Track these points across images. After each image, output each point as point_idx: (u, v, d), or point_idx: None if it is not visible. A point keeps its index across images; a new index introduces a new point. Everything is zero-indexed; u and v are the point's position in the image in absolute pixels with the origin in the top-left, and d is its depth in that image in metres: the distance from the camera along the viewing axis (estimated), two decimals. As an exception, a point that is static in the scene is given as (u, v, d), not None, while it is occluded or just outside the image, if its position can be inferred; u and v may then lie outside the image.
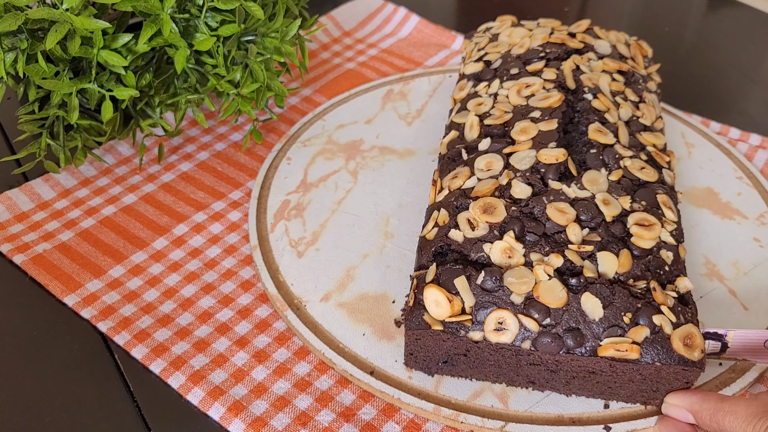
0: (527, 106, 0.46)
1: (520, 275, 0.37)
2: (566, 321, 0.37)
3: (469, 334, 0.37)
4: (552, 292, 0.37)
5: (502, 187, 0.41)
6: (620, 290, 0.37)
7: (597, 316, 0.37)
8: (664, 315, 0.37)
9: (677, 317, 0.37)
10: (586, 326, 0.37)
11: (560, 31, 0.55)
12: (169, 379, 0.42)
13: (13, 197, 0.53)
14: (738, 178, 0.57)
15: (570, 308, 0.37)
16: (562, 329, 0.37)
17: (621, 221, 0.40)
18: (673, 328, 0.37)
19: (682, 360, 0.36)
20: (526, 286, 0.37)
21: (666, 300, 0.37)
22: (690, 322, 0.37)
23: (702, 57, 0.76)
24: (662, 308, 0.37)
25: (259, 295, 0.48)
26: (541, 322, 0.37)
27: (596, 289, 0.37)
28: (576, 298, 0.37)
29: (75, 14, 0.45)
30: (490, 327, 0.37)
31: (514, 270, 0.38)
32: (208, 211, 0.54)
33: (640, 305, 0.37)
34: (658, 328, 0.36)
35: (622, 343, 0.36)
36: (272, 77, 0.53)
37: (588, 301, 0.37)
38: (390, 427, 0.41)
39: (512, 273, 0.37)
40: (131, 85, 0.50)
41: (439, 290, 0.37)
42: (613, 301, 0.37)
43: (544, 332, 0.37)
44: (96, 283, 0.48)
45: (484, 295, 0.37)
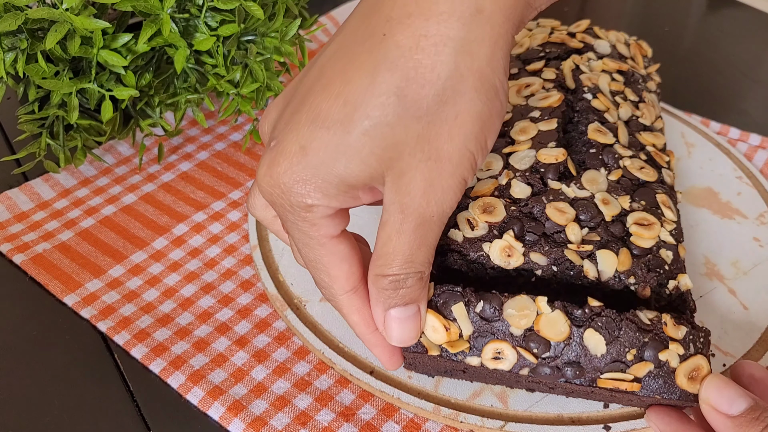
0: (527, 105, 0.46)
1: (521, 306, 0.36)
2: (567, 354, 0.36)
3: (467, 359, 0.37)
4: (554, 326, 0.36)
5: (501, 186, 0.41)
6: (627, 324, 0.35)
7: (599, 352, 0.36)
8: (671, 350, 0.35)
9: (686, 348, 0.36)
10: (587, 360, 0.36)
11: (560, 30, 0.55)
12: (168, 378, 0.42)
13: (12, 197, 0.53)
14: (738, 178, 0.57)
15: (571, 342, 0.36)
16: (562, 362, 0.36)
17: (620, 221, 0.40)
18: (681, 360, 0.35)
19: (683, 394, 0.35)
20: (526, 320, 0.36)
21: (677, 333, 0.36)
22: (699, 353, 0.36)
23: (702, 57, 0.76)
24: (671, 344, 0.35)
25: (259, 295, 0.48)
26: (540, 355, 0.36)
27: (602, 323, 0.36)
28: (579, 331, 0.36)
29: (75, 14, 0.45)
30: (488, 356, 0.36)
31: (515, 300, 0.36)
32: (208, 210, 0.54)
33: (647, 339, 0.35)
34: (664, 363, 0.35)
35: (622, 381, 0.35)
36: (272, 77, 0.53)
37: (591, 337, 0.36)
38: (390, 426, 0.41)
39: (513, 303, 0.36)
40: (131, 85, 0.50)
41: (436, 317, 0.36)
42: (618, 337, 0.35)
43: (543, 363, 0.36)
44: (96, 282, 0.48)
45: (483, 324, 0.36)
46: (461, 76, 0.31)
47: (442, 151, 0.32)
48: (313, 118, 0.32)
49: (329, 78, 0.32)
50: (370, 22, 0.32)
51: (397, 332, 0.35)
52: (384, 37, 0.32)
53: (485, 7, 0.31)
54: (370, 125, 0.31)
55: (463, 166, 0.32)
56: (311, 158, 0.32)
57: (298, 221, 0.34)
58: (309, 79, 0.34)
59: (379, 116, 0.31)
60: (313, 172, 0.32)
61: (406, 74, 0.31)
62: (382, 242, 0.33)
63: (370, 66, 0.31)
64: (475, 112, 0.32)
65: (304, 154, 0.32)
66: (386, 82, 0.31)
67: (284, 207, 0.33)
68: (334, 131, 0.32)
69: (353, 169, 0.32)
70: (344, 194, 0.33)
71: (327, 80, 0.32)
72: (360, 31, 0.33)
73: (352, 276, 0.35)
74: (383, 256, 0.34)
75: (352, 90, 0.32)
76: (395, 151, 0.32)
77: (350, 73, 0.32)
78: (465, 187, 0.33)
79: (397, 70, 0.31)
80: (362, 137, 0.31)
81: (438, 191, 0.32)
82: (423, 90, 0.31)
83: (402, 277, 0.34)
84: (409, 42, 0.31)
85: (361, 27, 0.33)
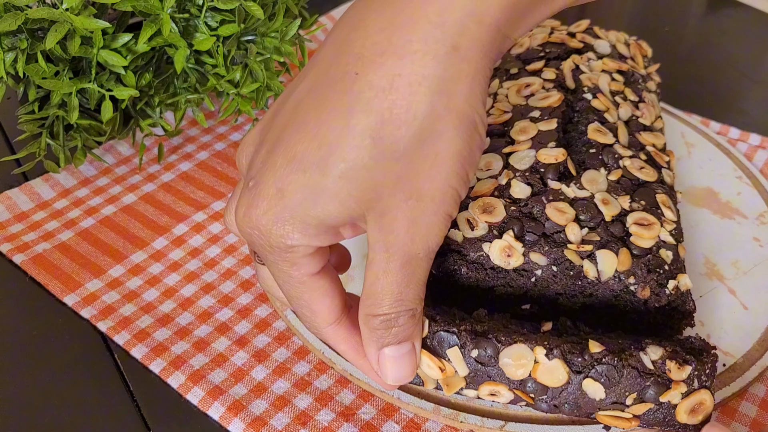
0: (527, 105, 0.46)
1: (518, 356, 0.35)
2: (564, 397, 0.35)
3: (464, 391, 0.37)
4: (552, 373, 0.35)
5: (501, 186, 0.41)
6: (629, 371, 0.35)
7: (598, 397, 0.35)
8: (674, 391, 0.34)
9: (690, 385, 0.35)
10: (585, 402, 0.35)
11: (560, 30, 0.55)
12: (168, 378, 0.42)
13: (12, 197, 0.53)
14: (738, 178, 0.57)
15: (570, 387, 0.35)
16: (560, 402, 0.35)
17: (620, 221, 0.40)
18: (683, 397, 0.34)
19: (684, 426, 0.35)
20: (523, 370, 0.35)
21: (681, 374, 0.35)
22: (704, 386, 0.35)
23: (702, 57, 0.76)
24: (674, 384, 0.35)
25: (259, 295, 0.48)
26: (537, 397, 0.36)
27: (602, 370, 0.35)
28: (578, 378, 0.35)
29: (75, 14, 0.45)
30: (485, 393, 0.36)
31: (511, 348, 0.35)
32: (208, 210, 0.54)
33: (649, 383, 0.34)
34: (665, 402, 0.35)
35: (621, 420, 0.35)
36: (272, 77, 0.53)
37: (590, 385, 0.35)
38: (390, 426, 0.41)
39: (509, 352, 0.35)
40: (131, 85, 0.50)
41: (430, 357, 0.36)
42: (619, 382, 0.35)
43: (541, 401, 0.36)
44: (96, 282, 0.48)
45: (479, 367, 0.36)
46: (438, 116, 0.30)
47: (423, 190, 0.31)
48: (289, 160, 0.31)
49: (303, 118, 0.32)
50: (341, 60, 0.31)
51: (392, 371, 0.35)
52: (357, 76, 0.31)
53: (461, 44, 0.30)
54: (346, 168, 0.31)
55: (446, 203, 0.32)
56: (289, 200, 0.31)
57: (278, 261, 0.33)
58: (283, 115, 0.33)
59: (355, 159, 0.30)
60: (291, 213, 0.32)
61: (380, 116, 0.30)
62: (370, 282, 0.33)
63: (343, 107, 0.31)
64: (455, 150, 0.31)
65: (282, 197, 0.32)
66: (361, 124, 0.30)
67: (264, 248, 0.33)
68: (311, 174, 0.31)
69: (332, 210, 0.31)
70: (324, 234, 0.33)
71: (301, 120, 0.32)
72: (332, 68, 0.32)
73: (334, 309, 0.35)
74: (372, 296, 0.33)
75: (326, 132, 0.31)
76: (374, 193, 0.31)
77: (324, 115, 0.31)
78: (450, 221, 0.33)
79: (371, 111, 0.30)
80: (339, 180, 0.31)
81: (422, 228, 0.32)
82: (399, 131, 0.30)
83: (393, 316, 0.33)
84: (382, 82, 0.30)
85: (333, 64, 0.32)
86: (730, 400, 0.42)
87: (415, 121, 0.30)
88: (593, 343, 0.35)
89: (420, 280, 0.33)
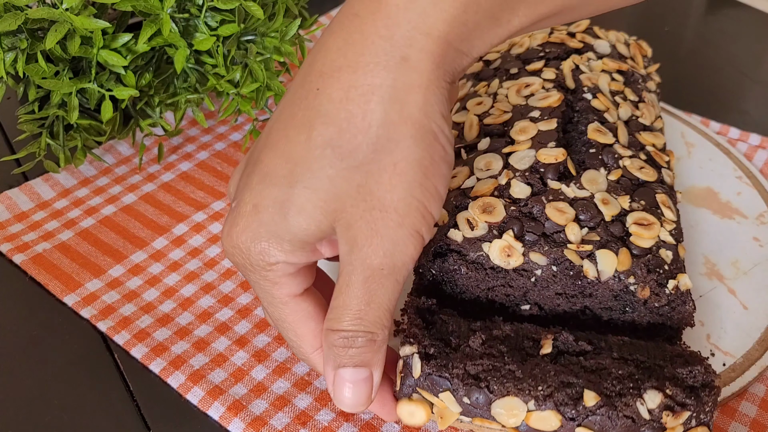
0: (526, 105, 0.46)
1: (510, 407, 0.35)
2: None
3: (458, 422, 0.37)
4: (545, 421, 0.35)
5: (501, 186, 0.41)
6: (624, 421, 0.34)
7: None
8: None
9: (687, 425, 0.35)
10: None
11: (560, 30, 0.55)
12: (168, 378, 0.42)
13: (12, 197, 0.53)
14: (738, 178, 0.57)
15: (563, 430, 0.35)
16: None
17: (620, 221, 0.40)
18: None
19: None
20: (515, 419, 0.35)
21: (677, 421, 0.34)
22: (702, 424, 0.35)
23: (702, 57, 0.76)
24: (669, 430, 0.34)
25: (259, 295, 0.48)
26: None
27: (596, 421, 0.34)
28: (572, 424, 0.35)
29: (75, 14, 0.45)
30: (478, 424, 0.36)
31: (503, 400, 0.35)
32: (208, 210, 0.54)
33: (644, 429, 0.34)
34: None
35: None
36: (272, 77, 0.53)
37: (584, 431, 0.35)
38: (390, 426, 0.41)
39: (501, 403, 0.35)
40: (131, 85, 0.50)
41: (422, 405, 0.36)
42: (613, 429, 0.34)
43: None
44: (96, 282, 0.48)
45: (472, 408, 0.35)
46: (393, 124, 0.31)
47: (385, 200, 0.31)
48: (262, 178, 0.33)
49: (275, 138, 0.33)
50: (306, 79, 0.33)
51: (345, 395, 0.34)
52: (318, 91, 0.32)
53: (410, 55, 0.31)
54: (311, 178, 0.32)
55: (412, 216, 0.32)
56: (263, 215, 0.32)
57: (260, 280, 0.34)
58: (261, 141, 0.35)
59: (317, 169, 0.31)
60: (266, 229, 0.32)
61: (339, 126, 0.31)
62: (335, 296, 0.33)
63: (306, 121, 0.32)
64: (414, 159, 0.31)
65: (257, 212, 0.33)
66: (321, 135, 0.32)
67: (246, 267, 0.34)
68: (280, 187, 0.32)
69: (301, 223, 0.32)
70: (300, 250, 0.33)
71: (273, 140, 0.33)
72: (299, 89, 0.33)
73: (320, 333, 0.35)
74: (334, 309, 0.33)
75: (292, 147, 0.32)
76: (338, 203, 0.32)
77: (290, 131, 0.33)
78: (420, 240, 0.33)
79: (330, 123, 0.32)
80: (304, 191, 0.32)
81: (386, 242, 0.32)
82: (356, 139, 0.31)
83: (351, 335, 0.33)
84: (339, 94, 0.32)
85: (300, 84, 0.33)
86: (730, 400, 0.42)
87: (371, 129, 0.31)
88: (588, 394, 0.35)
89: (382, 302, 0.33)
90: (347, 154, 0.31)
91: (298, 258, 0.33)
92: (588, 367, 0.37)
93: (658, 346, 0.38)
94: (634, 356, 0.37)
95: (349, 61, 0.32)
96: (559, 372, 0.36)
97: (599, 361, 0.37)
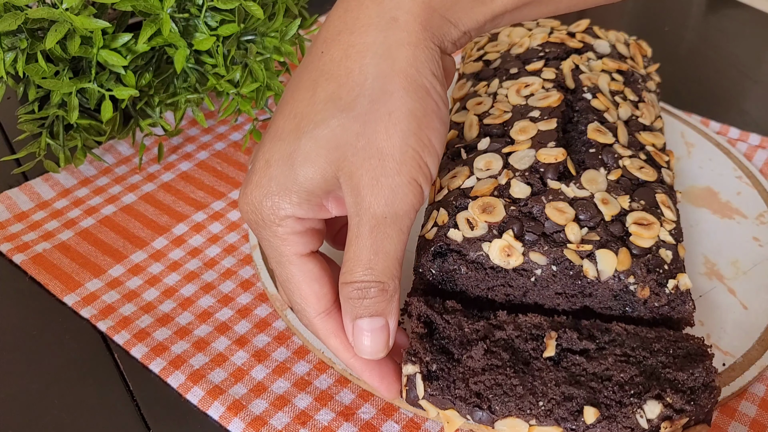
0: (526, 105, 0.46)
1: (512, 426, 0.36)
2: None
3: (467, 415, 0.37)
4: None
5: (501, 186, 0.41)
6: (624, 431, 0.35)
7: None
8: None
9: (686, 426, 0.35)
10: None
11: (559, 30, 0.55)
12: (168, 378, 0.42)
13: (12, 197, 0.54)
14: (737, 178, 0.57)
15: None
16: None
17: (620, 220, 0.40)
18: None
19: None
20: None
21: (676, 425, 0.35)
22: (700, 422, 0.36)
23: (702, 57, 0.76)
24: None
25: (259, 295, 0.48)
26: None
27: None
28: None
29: (75, 14, 0.45)
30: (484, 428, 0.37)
31: (505, 420, 0.36)
32: (208, 210, 0.54)
33: None
34: None
35: None
36: (272, 77, 0.53)
37: None
38: (389, 426, 0.41)
39: (504, 422, 0.36)
40: (131, 85, 0.50)
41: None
42: None
43: None
44: (96, 282, 0.48)
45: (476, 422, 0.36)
46: (386, 77, 0.34)
47: (383, 148, 0.34)
48: (273, 135, 0.36)
49: (284, 100, 0.37)
50: (314, 48, 0.37)
51: (365, 343, 0.36)
52: (321, 54, 0.36)
53: (399, 16, 0.35)
54: (314, 129, 0.34)
55: (408, 165, 0.34)
56: (273, 169, 0.35)
57: (270, 237, 0.36)
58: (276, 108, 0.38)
59: (320, 120, 0.34)
60: (276, 183, 0.35)
61: (339, 81, 0.35)
62: (346, 249, 0.35)
63: (311, 81, 0.36)
64: (408, 109, 0.34)
65: (268, 167, 0.35)
66: (324, 90, 0.35)
67: (258, 223, 0.36)
68: (288, 141, 0.35)
69: (307, 172, 0.34)
70: (307, 202, 0.35)
71: (283, 102, 0.37)
72: (308, 56, 0.37)
73: (324, 297, 0.37)
74: (346, 262, 0.35)
75: (298, 104, 0.36)
76: (340, 152, 0.34)
77: (297, 92, 0.36)
78: (419, 190, 0.35)
79: (332, 79, 0.35)
80: (309, 141, 0.34)
81: (386, 190, 0.34)
82: (354, 92, 0.34)
83: (364, 286, 0.35)
84: (339, 54, 0.35)
85: (309, 53, 0.37)
86: (730, 400, 0.42)
87: (366, 81, 0.34)
88: (588, 411, 0.35)
89: (389, 252, 0.35)
90: (347, 105, 0.34)
91: (306, 211, 0.35)
92: (590, 371, 0.37)
93: (662, 335, 0.39)
94: (637, 352, 0.38)
95: (347, 25, 0.36)
96: (561, 381, 0.36)
97: (601, 361, 0.37)
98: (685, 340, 0.38)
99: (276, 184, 0.35)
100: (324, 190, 0.35)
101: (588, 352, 0.38)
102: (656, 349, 0.38)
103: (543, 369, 0.37)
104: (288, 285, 0.37)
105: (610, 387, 0.36)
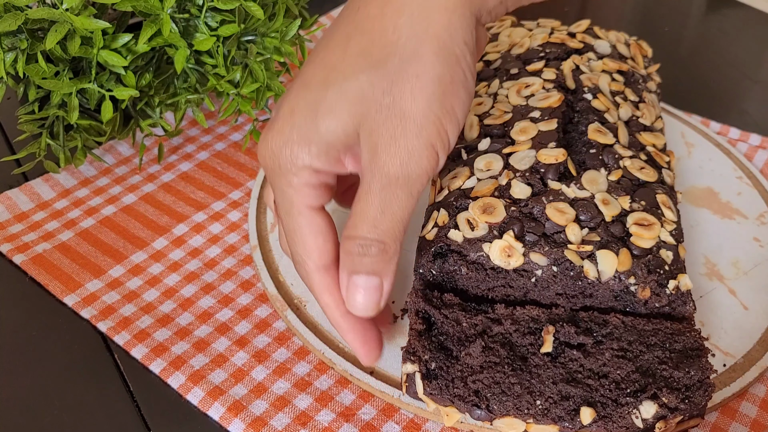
0: (527, 105, 0.46)
1: (509, 424, 0.36)
2: None
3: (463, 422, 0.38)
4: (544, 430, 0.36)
5: (501, 187, 0.41)
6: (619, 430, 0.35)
7: None
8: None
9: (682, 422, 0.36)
10: None
11: (560, 30, 0.55)
12: (168, 378, 0.42)
13: (12, 197, 0.53)
14: (738, 178, 0.57)
15: None
16: None
17: (620, 221, 0.40)
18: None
19: None
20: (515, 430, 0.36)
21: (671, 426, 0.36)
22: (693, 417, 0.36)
23: (702, 57, 0.76)
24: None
25: (259, 295, 0.48)
26: None
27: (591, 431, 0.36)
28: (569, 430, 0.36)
29: (75, 14, 0.45)
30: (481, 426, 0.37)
31: (503, 419, 0.36)
32: (208, 211, 0.54)
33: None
34: None
35: None
36: (272, 77, 0.53)
37: None
38: (390, 426, 0.41)
39: (502, 421, 0.36)
40: (131, 85, 0.50)
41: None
42: None
43: None
44: (96, 283, 0.48)
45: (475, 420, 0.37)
46: (419, 39, 0.34)
47: (406, 109, 0.34)
48: (301, 84, 0.36)
49: (317, 51, 0.37)
50: (351, 2, 0.37)
51: (358, 299, 0.37)
52: (358, 10, 0.36)
53: None
54: (343, 82, 0.34)
55: (428, 129, 0.34)
56: (296, 118, 0.35)
57: (284, 186, 0.36)
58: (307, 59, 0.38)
59: (350, 74, 0.34)
60: (297, 132, 0.35)
61: (372, 37, 0.35)
62: (355, 202, 0.36)
63: (345, 34, 0.36)
64: (435, 74, 0.34)
65: (292, 115, 0.35)
66: (358, 45, 0.35)
67: (274, 170, 0.36)
68: (316, 90, 0.35)
69: (329, 124, 0.35)
70: (326, 155, 0.35)
71: (315, 53, 0.37)
72: (345, 10, 0.37)
73: (326, 252, 0.37)
74: (352, 216, 0.36)
75: (330, 56, 0.36)
76: (364, 106, 0.34)
77: (331, 43, 0.36)
78: (435, 156, 0.35)
79: (366, 34, 0.35)
80: (336, 93, 0.34)
81: (402, 151, 0.34)
82: (386, 49, 0.34)
83: (367, 243, 0.35)
84: (376, 11, 0.35)
85: (347, 8, 0.37)
86: (730, 401, 0.42)
87: (399, 41, 0.34)
88: (585, 411, 0.35)
89: (396, 212, 0.35)
90: (377, 62, 0.34)
91: (323, 163, 0.35)
92: (587, 367, 0.37)
93: (660, 328, 0.39)
94: (634, 347, 0.38)
95: None
96: (558, 379, 0.36)
97: (598, 357, 0.37)
98: (682, 334, 0.39)
99: (297, 133, 0.35)
100: (344, 143, 0.35)
101: (585, 347, 0.38)
102: (653, 343, 0.38)
103: (540, 366, 0.37)
104: (293, 236, 0.37)
105: (606, 385, 0.36)
